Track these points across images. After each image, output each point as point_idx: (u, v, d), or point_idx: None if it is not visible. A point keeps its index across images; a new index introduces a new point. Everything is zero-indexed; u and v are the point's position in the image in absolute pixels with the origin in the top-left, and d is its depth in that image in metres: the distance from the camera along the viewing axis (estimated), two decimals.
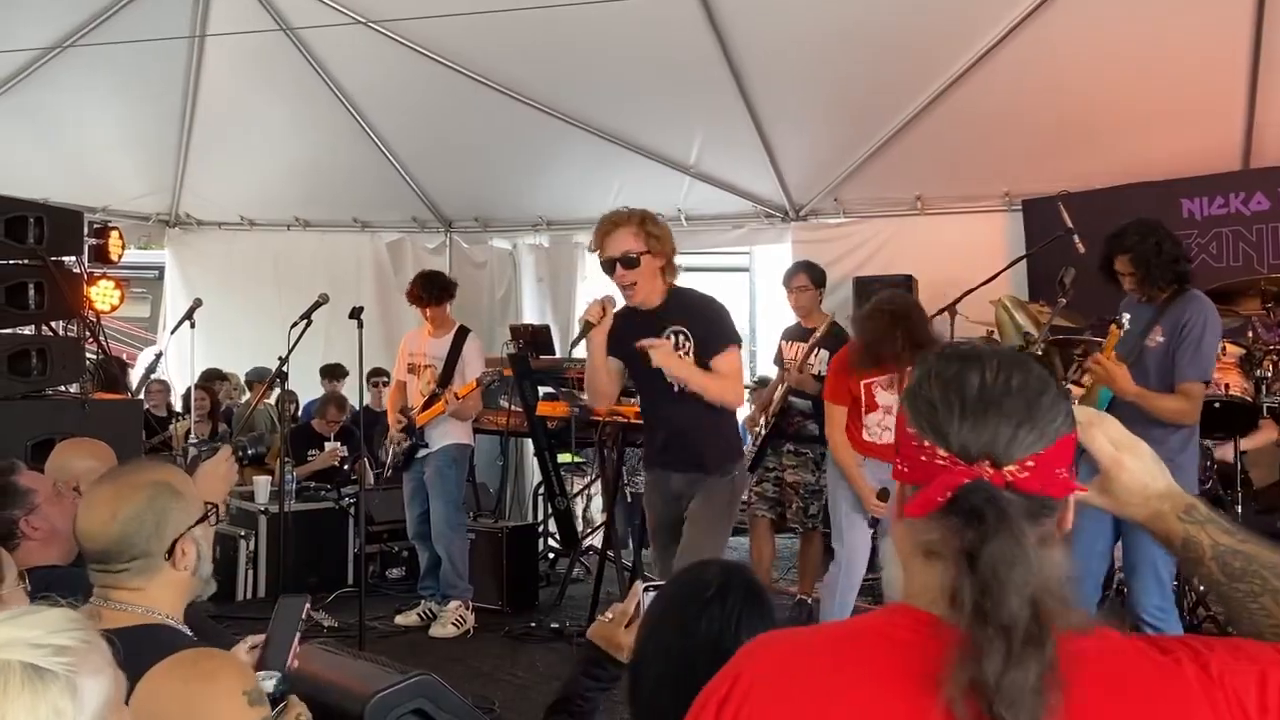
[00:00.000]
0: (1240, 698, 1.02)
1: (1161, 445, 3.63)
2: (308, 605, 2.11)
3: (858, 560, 4.48)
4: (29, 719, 1.10)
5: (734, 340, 3.62)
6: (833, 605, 4.47)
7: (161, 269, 9.28)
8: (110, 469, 2.51)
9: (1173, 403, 3.74)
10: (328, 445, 7.17)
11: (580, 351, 4.12)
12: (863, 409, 4.45)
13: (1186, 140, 5.85)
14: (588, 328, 3.52)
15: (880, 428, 4.45)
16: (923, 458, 1.04)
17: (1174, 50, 5.45)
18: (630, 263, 3.48)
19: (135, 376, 7.64)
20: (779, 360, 5.69)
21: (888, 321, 4.27)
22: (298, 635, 2.05)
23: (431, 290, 5.71)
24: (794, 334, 5.68)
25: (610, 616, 2.06)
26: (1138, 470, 1.23)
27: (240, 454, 2.81)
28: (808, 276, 5.65)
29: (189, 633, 1.97)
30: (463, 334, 5.73)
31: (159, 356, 6.98)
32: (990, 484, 1.01)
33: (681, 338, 3.51)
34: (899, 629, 1.05)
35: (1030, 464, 1.02)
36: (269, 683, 1.91)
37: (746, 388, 6.04)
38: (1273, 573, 1.15)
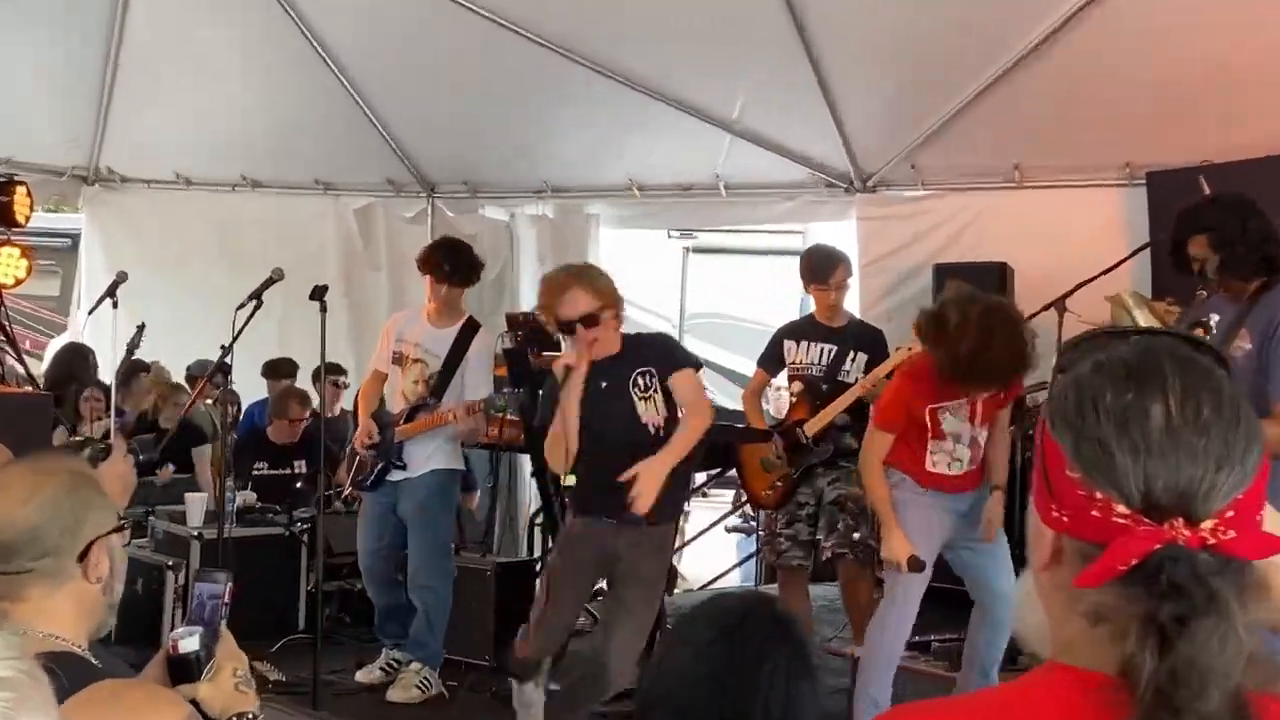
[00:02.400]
0: None
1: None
2: (230, 584, 2.06)
3: (913, 596, 4.22)
4: None
5: (692, 363, 4.19)
6: (879, 652, 4.24)
7: (75, 238, 8.94)
8: (20, 458, 2.41)
9: (1269, 429, 3.33)
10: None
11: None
12: (927, 434, 4.20)
13: None
14: (567, 373, 3.99)
15: (950, 458, 4.24)
16: (1094, 512, 0.95)
17: None
18: (591, 320, 3.96)
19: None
20: (776, 361, 5.29)
21: (1009, 330, 4.00)
22: (223, 620, 2.01)
23: (456, 264, 5.25)
24: (805, 332, 5.30)
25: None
26: None
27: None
28: (848, 271, 5.30)
29: (97, 663, 1.87)
30: (472, 329, 5.29)
31: (140, 329, 6.48)
32: (1189, 550, 0.92)
33: (647, 378, 4.03)
34: (1060, 691, 0.98)
35: (1230, 514, 0.94)
36: (190, 640, 1.92)
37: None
38: None
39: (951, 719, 1.07)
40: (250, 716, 1.91)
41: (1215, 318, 3.56)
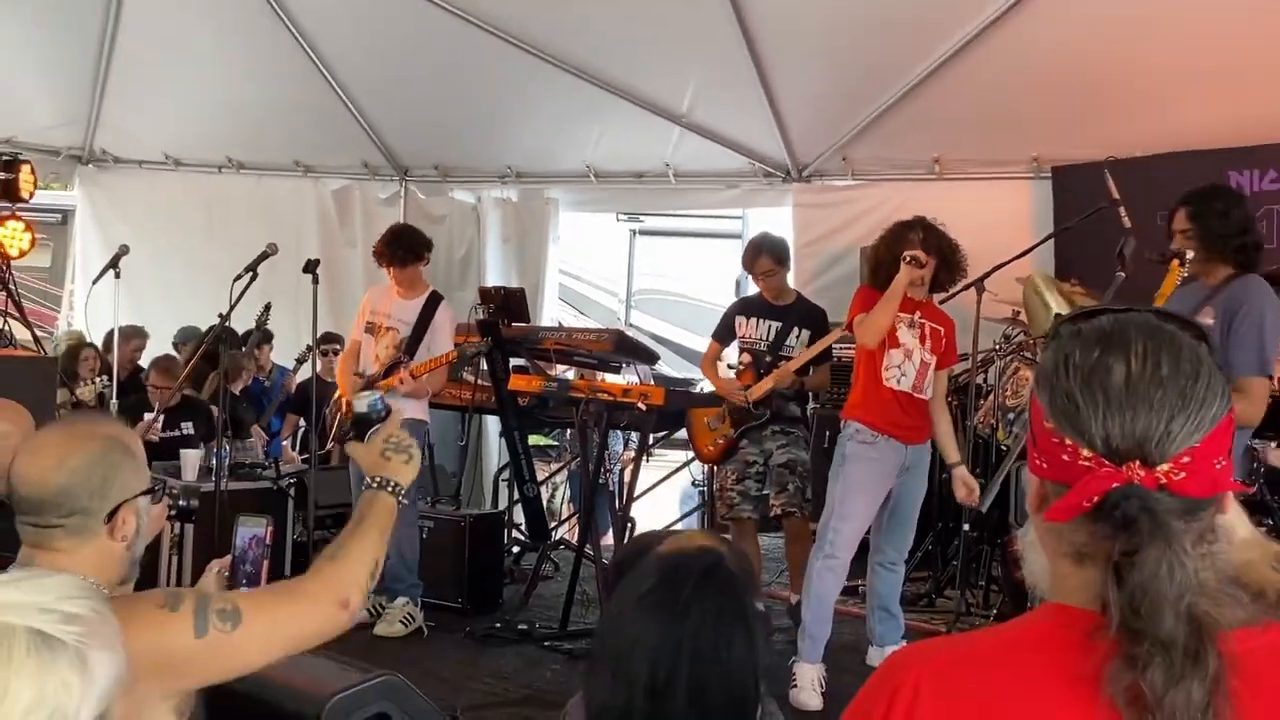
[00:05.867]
0: None
1: None
2: (270, 527, 2.25)
3: (847, 539, 4.47)
4: (34, 692, 1.08)
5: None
6: (810, 594, 4.47)
7: (66, 212, 9.25)
8: (63, 419, 2.53)
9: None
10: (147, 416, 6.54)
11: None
12: (884, 346, 4.56)
13: (1236, 106, 5.81)
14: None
15: (899, 371, 4.54)
16: (1064, 457, 1.06)
17: (1224, 8, 5.46)
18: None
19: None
20: (728, 333, 5.68)
21: (937, 237, 4.52)
22: (265, 560, 2.23)
23: (397, 249, 5.66)
24: (755, 309, 5.63)
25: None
26: None
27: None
28: (771, 258, 5.56)
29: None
30: (435, 300, 5.73)
31: (267, 309, 6.57)
32: (1142, 488, 1.03)
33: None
34: (1057, 632, 1.07)
35: (1186, 459, 1.03)
36: (365, 400, 2.63)
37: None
38: None
39: (966, 654, 1.12)
40: (392, 485, 2.07)
41: (1190, 253, 3.72)
